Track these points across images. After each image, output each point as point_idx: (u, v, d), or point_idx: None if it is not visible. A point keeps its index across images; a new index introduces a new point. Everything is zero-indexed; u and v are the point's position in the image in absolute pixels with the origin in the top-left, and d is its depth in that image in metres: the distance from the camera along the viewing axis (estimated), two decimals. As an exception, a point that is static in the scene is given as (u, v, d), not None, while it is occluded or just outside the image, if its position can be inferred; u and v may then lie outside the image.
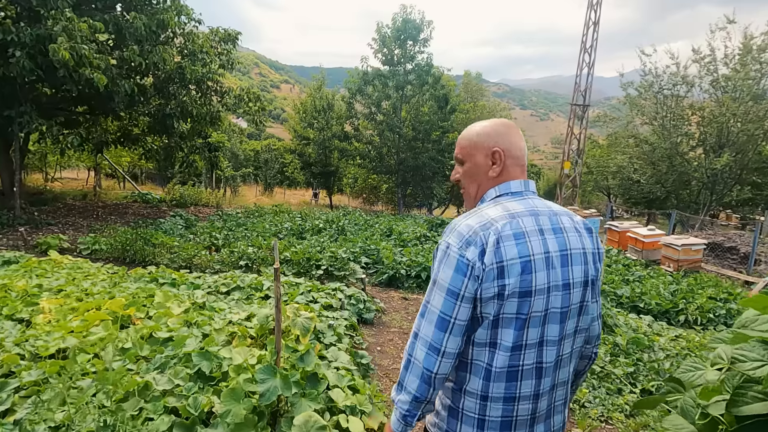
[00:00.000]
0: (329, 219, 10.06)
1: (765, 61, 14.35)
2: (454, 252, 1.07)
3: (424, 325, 1.09)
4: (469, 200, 1.31)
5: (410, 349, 1.11)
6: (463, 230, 1.08)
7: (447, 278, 1.07)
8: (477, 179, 1.26)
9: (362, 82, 15.80)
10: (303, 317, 3.26)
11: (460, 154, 1.29)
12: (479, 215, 1.12)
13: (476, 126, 1.29)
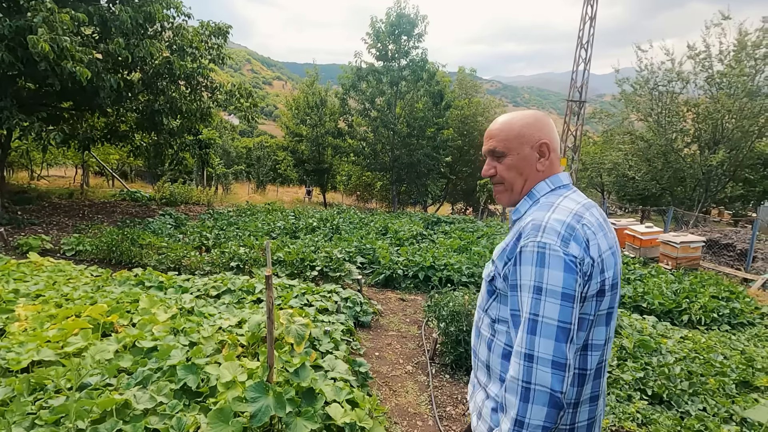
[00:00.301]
0: (323, 217, 9.85)
1: (759, 57, 14.33)
2: (557, 251, 0.99)
3: (541, 342, 0.97)
4: (508, 195, 1.22)
5: (525, 375, 0.97)
6: (557, 226, 1.02)
7: (558, 281, 0.98)
8: (524, 173, 1.18)
9: (356, 78, 15.55)
10: (297, 324, 3.07)
11: (501, 146, 1.19)
12: (561, 209, 1.07)
13: (515, 118, 1.20)
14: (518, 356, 1.00)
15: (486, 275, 1.22)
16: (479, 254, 7.02)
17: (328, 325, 3.78)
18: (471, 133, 19.62)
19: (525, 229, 1.07)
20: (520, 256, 1.05)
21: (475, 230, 9.74)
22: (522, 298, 1.03)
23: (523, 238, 1.06)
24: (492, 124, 1.24)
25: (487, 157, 1.25)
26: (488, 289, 1.21)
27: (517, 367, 0.99)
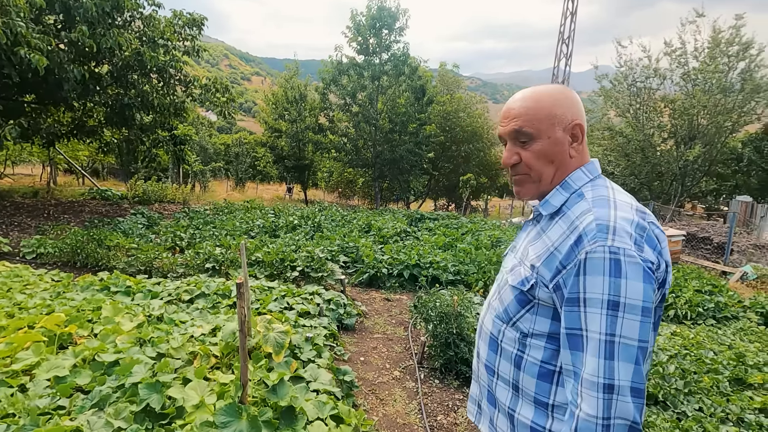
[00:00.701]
0: (304, 215, 9.57)
1: (732, 54, 14.65)
2: (634, 257, 0.83)
3: (620, 367, 0.82)
4: (535, 187, 1.03)
5: (605, 411, 0.82)
6: (627, 227, 0.86)
7: (638, 294, 0.83)
8: (556, 160, 0.99)
9: (336, 72, 15.22)
10: (276, 332, 2.84)
11: (529, 127, 0.98)
12: (623, 205, 0.91)
13: (543, 93, 0.99)
14: (594, 388, 0.83)
15: (516, 281, 1.03)
16: (465, 251, 6.88)
17: (310, 330, 3.55)
18: (453, 129, 19.55)
19: (587, 230, 0.89)
20: (585, 263, 0.86)
21: (459, 226, 9.62)
22: (590, 315, 0.85)
23: (587, 241, 0.87)
24: (512, 100, 1.03)
25: (506, 141, 1.04)
26: (520, 298, 1.01)
27: (594, 402, 0.82)
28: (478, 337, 1.19)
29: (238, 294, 1.71)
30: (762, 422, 2.98)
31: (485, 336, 1.14)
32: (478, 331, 1.21)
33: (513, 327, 1.03)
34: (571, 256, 0.89)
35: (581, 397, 0.85)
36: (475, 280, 5.89)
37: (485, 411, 1.18)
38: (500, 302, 1.09)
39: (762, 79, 14.41)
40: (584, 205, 0.93)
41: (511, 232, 9.25)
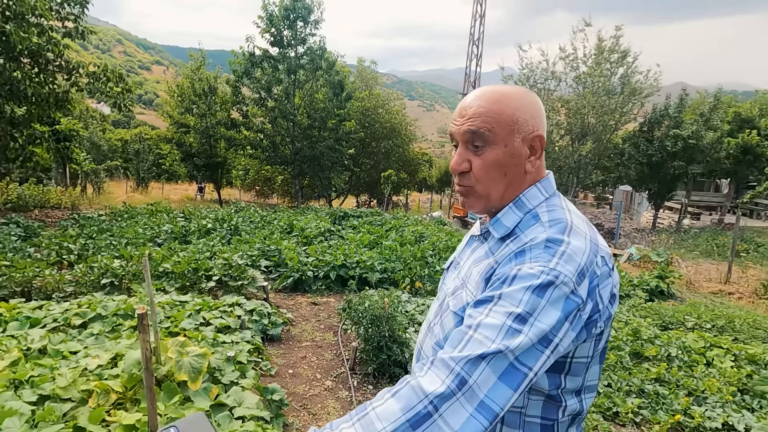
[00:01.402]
0: (219, 217, 8.89)
1: (614, 61, 16.61)
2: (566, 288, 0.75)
3: (486, 373, 0.71)
4: (483, 203, 0.91)
5: (446, 389, 0.69)
6: (577, 257, 0.78)
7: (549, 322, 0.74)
8: (510, 173, 0.88)
9: (249, 65, 14.37)
10: (192, 356, 2.52)
11: (487, 130, 0.85)
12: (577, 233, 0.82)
13: (506, 94, 0.87)
14: (447, 371, 0.71)
15: (457, 307, 0.92)
16: (390, 248, 6.90)
17: (231, 348, 3.24)
18: (372, 126, 19.65)
19: (531, 246, 0.80)
20: (517, 276, 0.77)
21: (383, 223, 9.66)
22: (493, 314, 0.75)
23: (527, 258, 0.79)
24: (470, 97, 0.90)
25: (457, 143, 0.91)
26: (458, 322, 0.91)
27: (438, 380, 0.70)
28: (416, 362, 1.08)
29: (140, 326, 1.43)
30: (658, 391, 3.35)
31: (422, 355, 1.04)
32: (416, 355, 1.10)
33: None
34: (506, 266, 0.81)
35: (425, 370, 0.74)
36: (402, 277, 5.91)
37: None
38: (441, 328, 0.97)
39: (637, 83, 16.55)
40: (539, 229, 0.84)
41: (433, 227, 9.50)
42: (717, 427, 2.97)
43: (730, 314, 5.83)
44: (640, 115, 17.15)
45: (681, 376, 3.56)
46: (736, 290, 7.95)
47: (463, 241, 1.15)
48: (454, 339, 0.77)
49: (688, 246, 13.09)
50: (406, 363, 3.44)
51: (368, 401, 0.73)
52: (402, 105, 21.98)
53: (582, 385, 0.88)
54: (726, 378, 3.59)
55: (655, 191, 16.75)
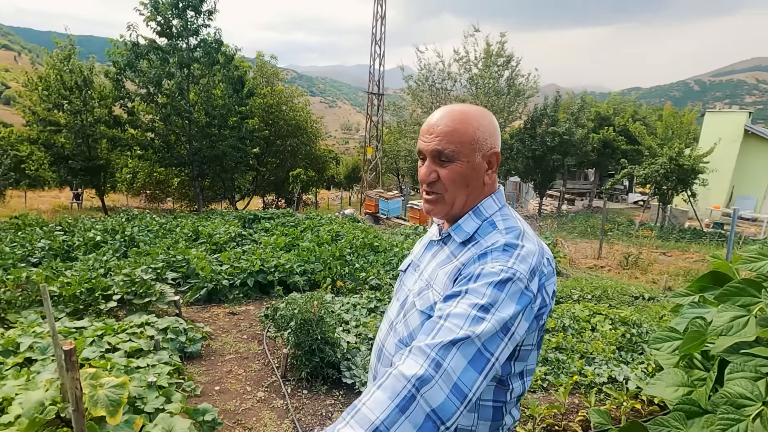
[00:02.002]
0: (108, 228, 7.91)
1: (500, 64, 18.29)
2: (521, 283, 0.88)
3: (457, 357, 0.81)
4: (446, 210, 1.03)
5: (423, 372, 0.78)
6: (529, 258, 0.92)
7: (508, 313, 0.86)
8: (470, 185, 1.01)
9: (133, 56, 12.87)
10: (108, 387, 2.27)
11: (451, 149, 0.97)
12: (529, 238, 0.97)
13: (469, 116, 0.98)
14: (423, 355, 0.79)
15: (424, 306, 1.01)
16: (308, 249, 6.82)
17: (147, 372, 2.97)
18: (276, 123, 19.00)
19: (492, 249, 0.92)
20: (480, 274, 0.89)
21: (297, 224, 9.48)
22: (461, 305, 0.85)
23: (489, 259, 0.91)
24: (437, 117, 1.01)
25: (424, 157, 1.02)
26: (424, 320, 1.00)
27: (414, 364, 0.77)
28: (378, 360, 1.15)
29: (68, 363, 1.27)
30: (558, 357, 3.87)
31: (387, 360, 1.10)
32: (377, 354, 1.17)
33: None
34: (470, 266, 0.93)
35: (403, 359, 0.80)
36: (322, 278, 5.90)
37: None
38: (405, 326, 1.06)
39: (520, 85, 18.46)
40: (497, 235, 0.97)
41: (348, 225, 9.58)
42: (604, 381, 3.53)
43: (604, 285, 6.89)
44: (524, 114, 19.17)
45: (574, 343, 4.14)
46: (606, 264, 9.40)
47: (420, 245, 1.25)
48: (426, 329, 0.86)
49: (567, 228, 15.06)
50: (339, 363, 3.48)
51: (356, 400, 0.78)
52: (306, 101, 21.58)
53: (524, 369, 1.02)
54: (607, 339, 4.26)
55: (539, 181, 18.90)
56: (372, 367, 1.19)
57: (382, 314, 4.74)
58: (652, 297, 6.56)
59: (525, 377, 1.03)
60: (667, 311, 5.43)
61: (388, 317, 1.19)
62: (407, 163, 22.78)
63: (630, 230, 14.10)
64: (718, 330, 1.07)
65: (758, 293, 1.03)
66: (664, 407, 3.25)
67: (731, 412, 0.92)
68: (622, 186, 24.96)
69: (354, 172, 31.94)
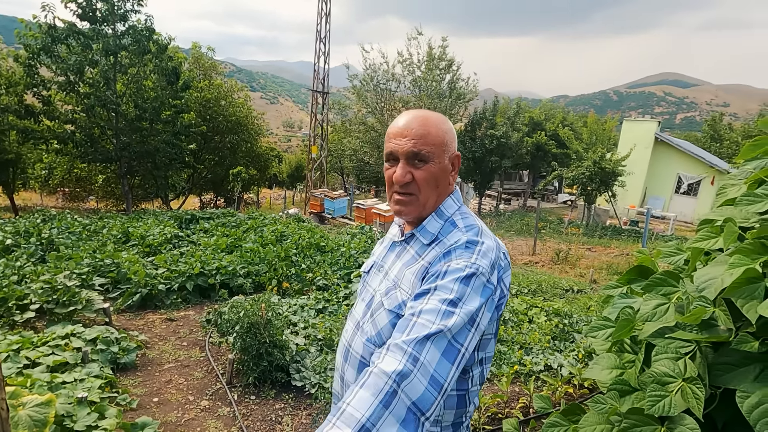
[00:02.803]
0: (22, 230, 7.10)
1: (442, 68, 18.84)
2: (484, 276, 0.95)
3: (431, 351, 0.85)
4: (418, 209, 1.07)
5: (402, 368, 0.81)
6: (489, 253, 0.98)
7: (474, 305, 0.92)
8: (440, 186, 1.06)
9: (49, 40, 11.61)
10: (30, 407, 2.07)
11: (427, 150, 1.02)
12: (487, 234, 1.04)
13: (437, 120, 1.05)
14: (402, 353, 0.82)
15: (392, 305, 1.04)
16: (252, 250, 6.60)
17: (77, 387, 2.73)
18: (215, 118, 18.11)
19: (455, 247, 0.98)
20: (447, 271, 0.94)
21: (239, 224, 9.13)
22: (431, 302, 0.89)
23: (454, 256, 0.96)
24: (407, 120, 1.04)
25: (397, 159, 1.04)
26: (395, 322, 1.02)
27: (395, 362, 0.81)
28: (344, 360, 1.16)
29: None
30: (500, 349, 4.08)
31: (354, 360, 1.12)
32: (343, 354, 1.18)
33: None
34: (436, 265, 0.98)
35: (382, 356, 0.83)
36: (268, 279, 5.74)
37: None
38: (373, 326, 1.08)
39: (461, 88, 19.14)
40: (458, 234, 1.02)
41: (293, 225, 9.40)
42: (541, 369, 3.79)
43: (538, 279, 7.37)
44: (464, 116, 19.91)
45: (514, 334, 4.40)
46: (540, 259, 10.06)
47: (382, 246, 1.27)
48: (401, 326, 0.90)
49: (505, 226, 15.89)
50: (288, 366, 3.42)
51: (340, 401, 0.79)
52: (246, 97, 20.79)
53: (484, 357, 1.09)
54: (543, 330, 4.57)
55: (479, 182, 19.75)
56: (339, 367, 1.20)
57: (330, 315, 4.71)
58: (581, 289, 7.12)
59: (484, 365, 1.10)
60: (594, 302, 5.94)
61: (353, 317, 1.20)
62: (352, 162, 22.75)
63: (560, 228, 15.18)
64: (644, 317, 1.20)
65: (676, 283, 1.18)
66: (593, 390, 3.56)
67: (658, 389, 1.04)
68: (553, 187, 26.75)
69: (297, 171, 31.32)
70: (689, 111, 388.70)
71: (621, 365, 1.27)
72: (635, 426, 1.05)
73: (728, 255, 1.04)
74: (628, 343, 1.32)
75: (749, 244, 0.99)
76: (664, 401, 1.01)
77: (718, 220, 1.22)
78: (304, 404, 3.16)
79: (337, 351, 1.24)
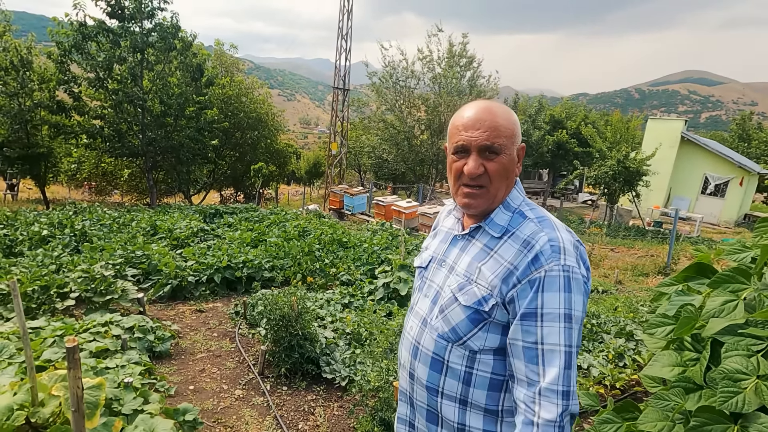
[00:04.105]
0: (55, 221, 7.36)
1: (463, 65, 18.69)
2: (578, 274, 0.97)
3: (573, 374, 0.93)
4: (488, 201, 1.06)
5: (561, 415, 0.91)
6: (570, 248, 0.99)
7: (580, 306, 0.96)
8: (509, 177, 1.07)
9: (80, 37, 11.95)
10: (87, 389, 2.14)
11: (500, 141, 1.01)
12: (561, 226, 1.04)
13: (506, 110, 1.05)
14: (554, 396, 0.90)
15: (470, 302, 1.03)
16: (276, 245, 6.69)
17: (119, 372, 2.82)
18: (236, 115, 18.37)
19: (543, 250, 0.96)
20: (544, 281, 0.93)
21: (261, 219, 9.26)
22: (546, 328, 0.93)
23: (544, 260, 0.95)
24: (478, 112, 1.03)
25: (470, 152, 1.03)
26: (474, 317, 1.02)
27: (554, 409, 0.90)
28: (414, 358, 1.15)
29: (71, 362, 1.19)
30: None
31: (425, 357, 1.11)
32: (411, 351, 1.17)
33: (462, 346, 1.05)
34: (528, 272, 0.96)
35: (539, 404, 0.91)
36: (293, 274, 5.82)
37: (421, 429, 1.18)
38: (445, 322, 1.08)
39: (481, 86, 18.96)
40: (532, 225, 1.02)
41: (314, 221, 9.48)
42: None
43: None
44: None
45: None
46: (562, 259, 9.91)
47: (438, 240, 1.25)
48: (527, 356, 0.96)
49: (524, 226, 15.69)
50: (318, 359, 3.46)
51: None
52: (267, 93, 21.01)
53: None
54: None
55: (498, 180, 19.53)
56: (406, 365, 1.19)
57: (356, 309, 4.75)
58: (606, 290, 7.01)
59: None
60: (620, 303, 5.83)
61: (417, 314, 1.19)
62: (370, 159, 22.77)
63: (581, 228, 14.93)
64: (711, 313, 1.18)
65: (747, 280, 1.16)
66: (624, 391, 3.51)
67: (730, 386, 1.02)
68: (573, 186, 26.33)
69: (315, 168, 31.53)
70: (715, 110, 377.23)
71: (682, 363, 1.25)
72: (706, 424, 1.04)
73: (805, 252, 1.02)
74: (689, 341, 1.31)
75: (830, 241, 0.97)
76: (737, 398, 1.00)
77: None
78: (335, 396, 3.20)
79: (401, 348, 1.24)
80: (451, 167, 1.08)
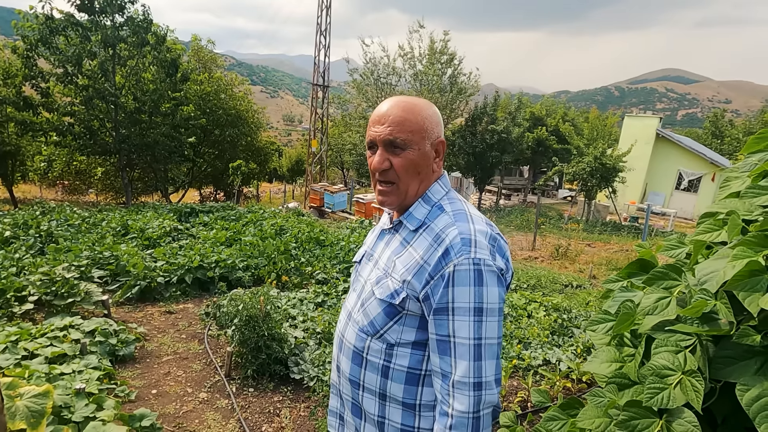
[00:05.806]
0: (20, 222, 7.10)
1: (444, 62, 18.72)
2: (491, 266, 0.95)
3: (486, 365, 0.93)
4: (400, 197, 1.05)
5: (475, 406, 0.92)
6: (483, 240, 0.97)
7: (495, 298, 0.95)
8: (421, 173, 1.05)
9: (47, 31, 11.54)
10: (27, 397, 2.07)
11: (403, 138, 1.00)
12: (477, 219, 1.02)
13: (417, 106, 1.03)
14: (465, 388, 0.91)
15: (384, 295, 1.03)
16: (251, 244, 6.59)
17: (75, 378, 2.73)
18: (215, 112, 18.01)
19: (453, 243, 0.95)
20: (454, 275, 0.92)
21: (238, 217, 9.11)
22: (458, 322, 0.92)
23: (453, 254, 0.94)
24: (387, 107, 1.02)
25: (376, 146, 1.03)
26: (389, 311, 1.03)
27: (466, 401, 0.91)
28: (339, 351, 1.17)
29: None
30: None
31: (347, 350, 1.12)
32: (338, 344, 1.18)
33: (379, 339, 1.05)
34: (439, 267, 0.96)
35: (453, 396, 0.93)
36: (267, 273, 5.74)
37: (349, 422, 1.18)
38: (365, 315, 1.08)
39: (462, 83, 19.03)
40: (446, 218, 1.01)
41: (292, 219, 9.39)
42: (539, 363, 3.79)
43: (537, 274, 7.37)
44: (465, 111, 19.81)
45: (513, 329, 4.40)
46: (539, 255, 10.05)
47: (372, 235, 1.26)
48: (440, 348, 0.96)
49: (505, 222, 15.88)
50: (287, 359, 3.42)
51: None
52: (247, 90, 20.67)
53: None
54: (541, 325, 4.57)
55: (479, 177, 19.70)
56: (334, 358, 1.20)
57: (329, 308, 4.71)
58: (580, 285, 7.13)
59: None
60: (593, 297, 5.94)
61: (346, 308, 1.20)
62: (352, 156, 22.69)
63: (560, 223, 15.18)
64: (645, 310, 1.19)
65: (679, 277, 1.17)
66: (591, 384, 3.56)
67: (657, 382, 1.03)
68: (553, 182, 26.74)
69: (297, 165, 31.24)
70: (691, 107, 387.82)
71: (621, 359, 1.26)
72: (633, 418, 1.04)
73: (731, 248, 1.03)
74: (628, 337, 1.31)
75: (753, 237, 0.98)
76: (662, 394, 1.00)
77: (720, 212, 1.21)
78: (302, 397, 3.16)
79: (334, 342, 1.24)
80: (368, 163, 1.09)
